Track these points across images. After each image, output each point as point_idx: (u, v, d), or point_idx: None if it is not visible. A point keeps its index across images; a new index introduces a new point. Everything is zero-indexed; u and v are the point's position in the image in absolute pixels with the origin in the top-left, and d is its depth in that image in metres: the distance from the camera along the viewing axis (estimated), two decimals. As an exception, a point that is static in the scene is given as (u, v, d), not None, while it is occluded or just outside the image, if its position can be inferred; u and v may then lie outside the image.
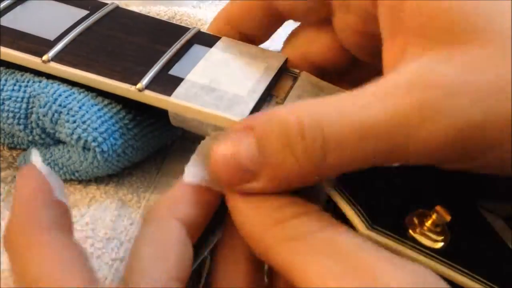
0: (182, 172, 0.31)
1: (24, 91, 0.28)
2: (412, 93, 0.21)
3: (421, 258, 0.23)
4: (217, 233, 0.34)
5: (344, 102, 0.22)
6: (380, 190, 0.26)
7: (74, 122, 0.27)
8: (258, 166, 0.22)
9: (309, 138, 0.21)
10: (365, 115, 0.21)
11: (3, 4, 0.31)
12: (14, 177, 0.31)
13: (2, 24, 0.30)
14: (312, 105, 0.22)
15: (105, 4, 0.32)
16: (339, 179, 0.26)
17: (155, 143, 0.31)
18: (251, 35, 0.32)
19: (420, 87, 0.21)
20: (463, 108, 0.21)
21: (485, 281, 0.23)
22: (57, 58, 0.28)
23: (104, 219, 0.28)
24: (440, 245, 0.24)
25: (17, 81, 0.29)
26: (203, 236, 0.31)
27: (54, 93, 0.28)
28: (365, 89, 0.22)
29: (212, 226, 0.33)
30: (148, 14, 0.33)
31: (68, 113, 0.28)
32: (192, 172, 0.25)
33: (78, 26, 0.30)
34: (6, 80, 0.29)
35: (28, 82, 0.29)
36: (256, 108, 0.28)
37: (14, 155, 0.32)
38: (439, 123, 0.21)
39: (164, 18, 0.38)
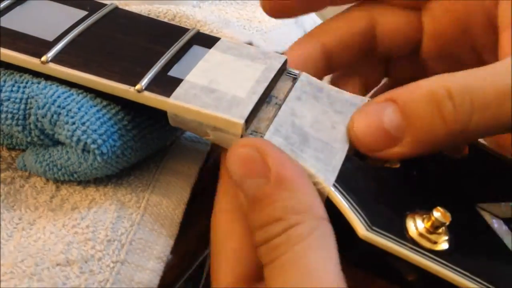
0: (180, 171, 0.31)
1: (23, 92, 0.28)
2: None
3: (420, 260, 0.23)
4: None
5: (483, 72, 0.25)
6: (379, 191, 0.26)
7: (73, 123, 0.27)
8: (401, 132, 0.25)
9: (458, 100, 0.25)
10: (504, 82, 0.25)
11: (2, 5, 0.31)
12: (13, 178, 0.31)
13: (1, 25, 0.30)
14: (454, 75, 0.26)
15: (104, 4, 0.32)
16: (338, 181, 0.26)
17: (154, 144, 0.31)
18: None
19: None
20: None
21: (484, 283, 0.23)
22: (56, 59, 0.28)
23: (104, 221, 0.28)
24: (439, 246, 0.24)
25: (15, 82, 0.29)
26: (204, 236, 0.31)
27: (53, 94, 0.28)
28: (495, 64, 0.26)
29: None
30: (148, 15, 0.33)
31: (67, 115, 0.27)
32: None
33: (77, 27, 0.30)
34: (4, 81, 0.29)
35: (26, 83, 0.29)
36: (256, 109, 0.28)
37: (13, 155, 0.32)
38: None
39: (164, 20, 0.38)
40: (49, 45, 0.29)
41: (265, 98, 0.29)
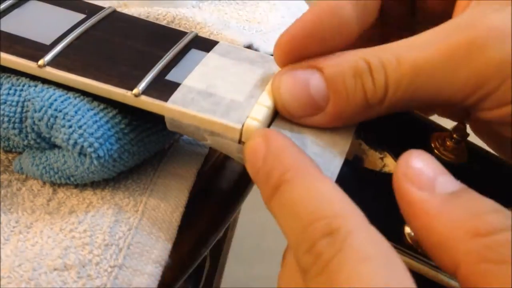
0: (178, 174, 0.31)
1: (20, 95, 0.28)
2: (463, 32, 0.25)
3: (419, 266, 0.23)
4: (217, 233, 0.33)
5: (403, 45, 0.25)
6: (377, 196, 0.26)
7: (70, 127, 0.27)
8: (325, 100, 0.26)
9: (375, 75, 0.25)
10: (419, 54, 0.25)
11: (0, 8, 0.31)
12: (10, 181, 0.31)
13: None
14: (376, 49, 0.26)
15: (102, 8, 0.32)
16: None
17: (151, 147, 0.31)
18: None
19: (471, 27, 0.25)
20: (504, 47, 0.24)
21: None
22: (53, 63, 0.28)
23: (102, 226, 0.28)
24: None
25: (12, 85, 0.29)
26: (203, 236, 0.30)
27: (50, 97, 0.28)
28: (423, 33, 0.26)
29: (213, 226, 0.33)
30: (147, 18, 0.33)
31: (64, 118, 0.27)
32: None
33: (75, 30, 0.30)
34: (1, 84, 0.29)
35: (23, 86, 0.29)
36: (253, 114, 0.27)
37: (10, 158, 0.32)
38: (482, 56, 0.24)
39: (163, 22, 0.37)
40: (46, 48, 0.29)
41: None
